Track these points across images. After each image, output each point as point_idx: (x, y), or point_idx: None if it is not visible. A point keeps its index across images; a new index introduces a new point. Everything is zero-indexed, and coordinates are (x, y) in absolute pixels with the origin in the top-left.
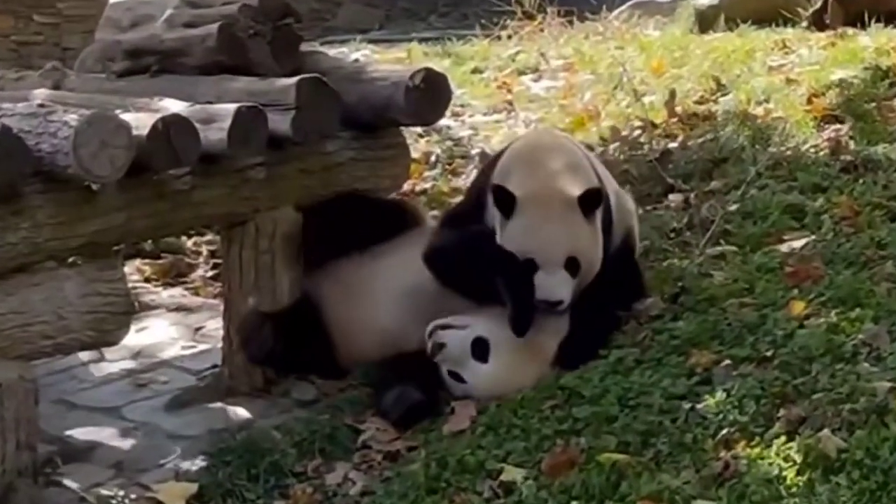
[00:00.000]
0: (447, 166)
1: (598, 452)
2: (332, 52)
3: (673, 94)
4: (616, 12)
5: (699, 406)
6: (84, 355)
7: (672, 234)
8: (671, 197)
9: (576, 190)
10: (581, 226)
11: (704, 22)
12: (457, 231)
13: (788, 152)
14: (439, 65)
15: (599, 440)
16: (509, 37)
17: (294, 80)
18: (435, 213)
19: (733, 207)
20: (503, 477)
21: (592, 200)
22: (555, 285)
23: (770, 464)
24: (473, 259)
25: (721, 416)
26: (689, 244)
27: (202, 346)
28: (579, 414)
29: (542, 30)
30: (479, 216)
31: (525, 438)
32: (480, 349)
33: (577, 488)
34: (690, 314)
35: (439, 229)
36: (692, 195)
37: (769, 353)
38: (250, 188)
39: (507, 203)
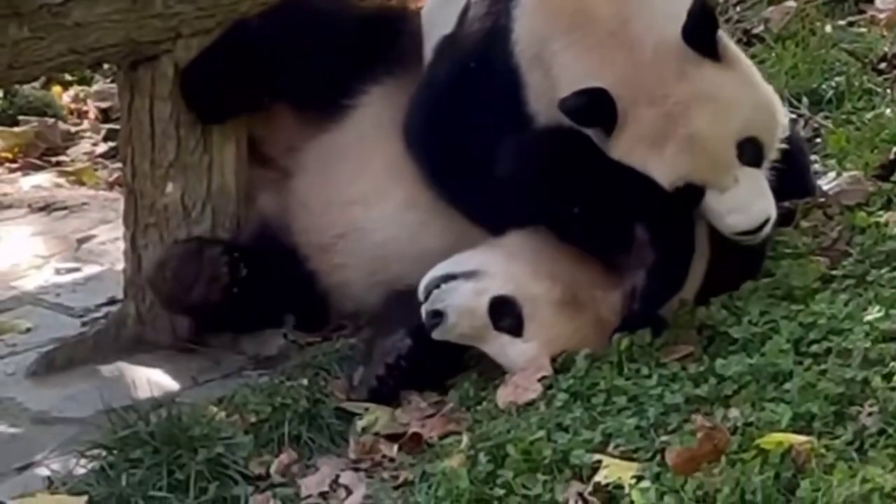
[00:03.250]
0: None
1: (760, 433)
2: None
3: None
4: None
5: None
6: None
7: (881, 66)
8: (879, 3)
9: (674, 19)
10: (710, 75)
11: None
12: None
13: None
14: None
15: (762, 413)
16: None
17: None
18: None
19: None
20: (600, 477)
21: (701, 25)
22: (749, 199)
23: None
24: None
25: None
26: None
27: (89, 269)
28: (728, 369)
29: None
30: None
31: (637, 412)
32: (506, 315)
33: (725, 495)
34: None
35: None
36: None
37: None
38: None
39: (602, 114)
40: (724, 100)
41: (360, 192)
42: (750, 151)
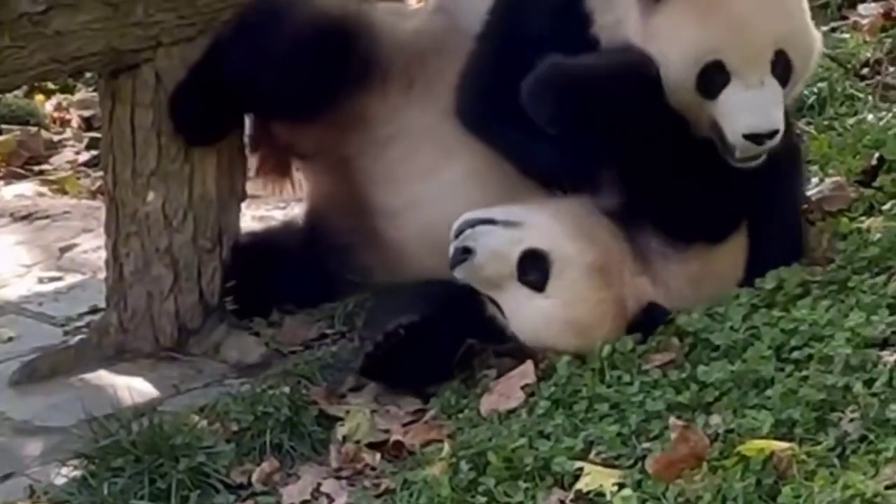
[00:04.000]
0: None
1: (741, 440)
2: None
3: None
4: None
5: None
6: None
7: (864, 71)
8: (862, 9)
9: None
10: None
11: None
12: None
13: None
14: None
15: (744, 420)
16: None
17: None
18: None
19: None
20: (582, 484)
21: None
22: (769, 103)
23: None
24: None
25: None
26: (890, 86)
27: (71, 278)
28: (710, 376)
29: None
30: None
31: (619, 419)
32: (534, 268)
33: (707, 501)
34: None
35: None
36: None
37: None
38: (146, 8)
39: None
40: (777, 6)
41: (414, 169)
42: (782, 65)
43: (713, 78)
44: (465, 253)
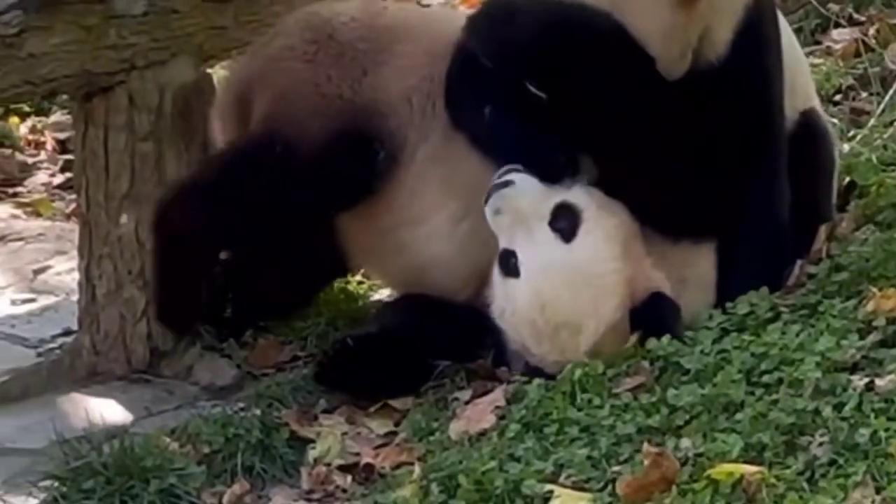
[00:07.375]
0: None
1: (711, 463)
2: None
3: None
4: None
5: (881, 383)
6: None
7: (835, 96)
8: (835, 34)
9: None
10: None
11: None
12: None
13: None
14: None
15: (714, 444)
16: None
17: None
18: None
19: None
20: None
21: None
22: None
23: None
24: None
25: None
26: (862, 111)
27: (44, 300)
28: (680, 399)
29: None
30: None
31: (589, 442)
32: (567, 219)
33: None
34: (867, 229)
35: None
36: (870, 31)
37: None
38: (119, 31)
39: None
40: None
41: (409, 215)
42: None
43: None
44: (507, 185)
